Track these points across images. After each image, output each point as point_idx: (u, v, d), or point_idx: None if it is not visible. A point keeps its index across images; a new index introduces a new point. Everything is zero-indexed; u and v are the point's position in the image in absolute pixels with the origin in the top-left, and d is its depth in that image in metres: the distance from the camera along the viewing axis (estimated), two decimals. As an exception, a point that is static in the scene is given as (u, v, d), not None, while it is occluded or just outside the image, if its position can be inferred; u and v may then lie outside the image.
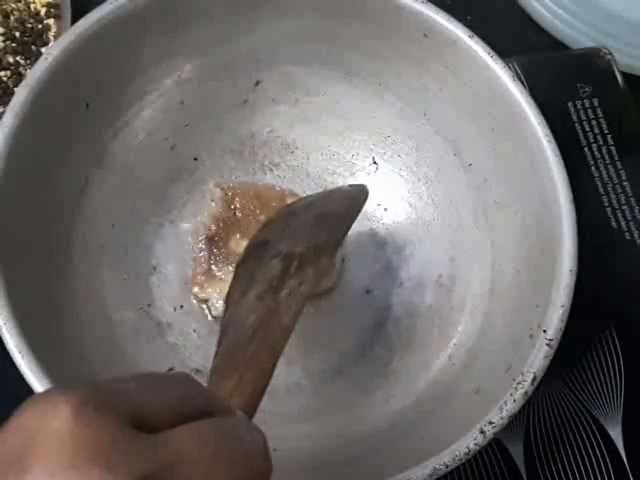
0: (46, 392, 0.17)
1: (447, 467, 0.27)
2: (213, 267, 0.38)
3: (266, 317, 0.26)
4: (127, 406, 0.17)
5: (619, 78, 0.46)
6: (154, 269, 0.38)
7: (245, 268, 0.30)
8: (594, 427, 0.37)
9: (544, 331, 0.30)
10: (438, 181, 0.40)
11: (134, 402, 0.17)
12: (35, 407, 0.17)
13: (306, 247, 0.29)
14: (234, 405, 0.21)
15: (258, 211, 0.39)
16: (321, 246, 0.29)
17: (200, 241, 0.38)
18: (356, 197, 0.34)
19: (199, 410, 0.19)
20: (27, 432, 0.16)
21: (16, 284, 0.29)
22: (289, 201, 0.39)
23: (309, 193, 0.41)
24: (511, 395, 0.29)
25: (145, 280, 0.37)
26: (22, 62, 0.43)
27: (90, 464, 0.15)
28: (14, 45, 0.43)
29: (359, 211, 0.33)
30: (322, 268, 0.28)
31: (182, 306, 0.37)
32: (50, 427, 0.16)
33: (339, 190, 0.37)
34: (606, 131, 0.44)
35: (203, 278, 0.37)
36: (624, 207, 0.43)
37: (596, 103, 0.45)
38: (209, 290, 0.37)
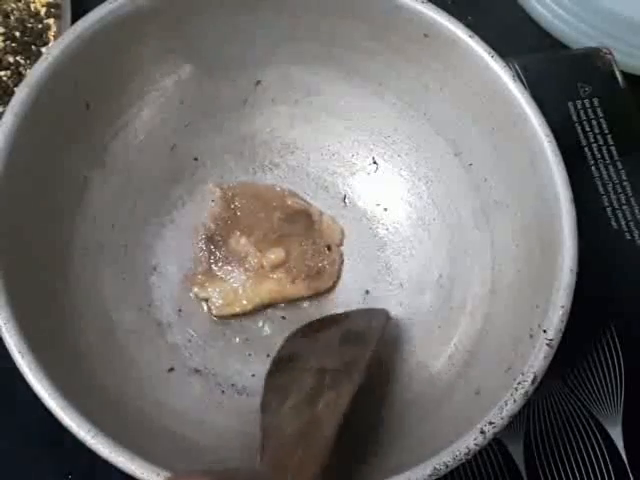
0: None
1: (447, 467, 0.27)
2: (213, 266, 0.38)
3: (307, 427, 0.27)
4: None
5: (619, 78, 0.46)
6: (154, 269, 0.38)
7: (276, 380, 0.32)
8: (594, 427, 0.37)
9: (544, 331, 0.30)
10: (438, 181, 0.40)
11: None
12: None
13: (336, 363, 0.31)
14: None
15: (258, 210, 0.39)
16: (350, 363, 0.31)
17: (200, 240, 0.38)
18: (377, 315, 0.36)
19: None
20: None
21: (16, 284, 0.29)
22: (289, 202, 0.39)
23: (309, 193, 0.41)
24: (511, 395, 0.29)
25: (145, 280, 0.37)
26: (22, 62, 0.43)
27: None
28: (14, 45, 0.43)
29: (383, 328, 0.34)
30: (356, 383, 0.30)
31: (182, 306, 0.37)
32: None
33: (359, 310, 0.38)
34: (606, 131, 0.44)
35: (203, 278, 0.37)
36: (624, 207, 0.43)
37: (596, 103, 0.45)
38: (209, 289, 0.37)
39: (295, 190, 0.41)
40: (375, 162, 0.41)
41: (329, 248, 0.39)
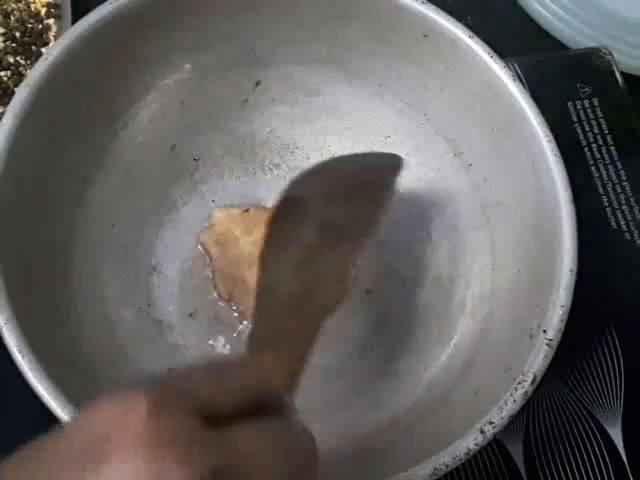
0: (119, 393, 0.18)
1: (447, 467, 0.27)
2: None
3: (305, 290, 0.26)
4: (195, 401, 0.18)
5: (619, 78, 0.46)
6: (154, 269, 0.38)
7: (278, 227, 0.28)
8: (594, 427, 0.37)
9: (544, 331, 0.30)
10: (438, 181, 0.40)
11: (201, 396, 0.19)
12: (111, 405, 0.18)
13: (342, 217, 0.28)
14: (275, 381, 0.22)
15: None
16: (357, 221, 0.28)
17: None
18: (389, 163, 0.33)
19: (257, 396, 0.20)
20: (104, 427, 0.17)
21: (16, 284, 0.29)
22: None
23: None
24: (511, 395, 0.29)
25: (145, 280, 0.37)
26: (22, 62, 0.43)
27: (165, 456, 0.17)
28: (14, 45, 0.43)
29: (395, 182, 0.31)
30: (361, 246, 0.27)
31: (182, 306, 0.37)
32: (127, 424, 0.17)
33: (369, 154, 0.35)
34: (606, 131, 0.44)
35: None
36: (624, 207, 0.43)
37: (596, 103, 0.45)
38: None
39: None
40: (375, 162, 0.41)
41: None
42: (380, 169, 0.33)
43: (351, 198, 0.30)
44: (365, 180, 0.32)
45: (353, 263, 0.27)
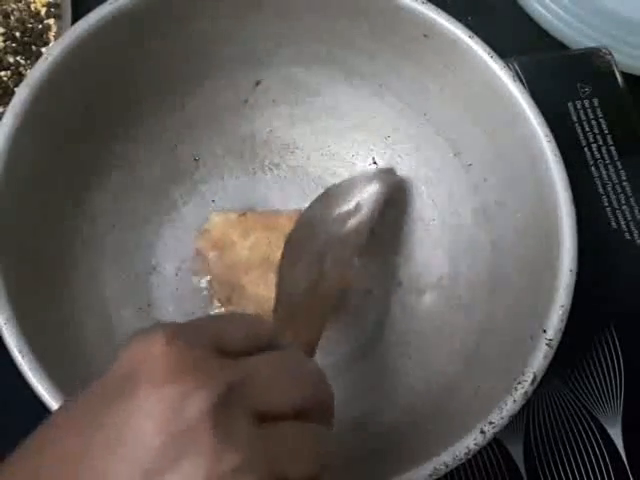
0: (141, 333, 0.20)
1: (447, 467, 0.27)
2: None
3: (315, 282, 0.32)
4: (210, 336, 0.21)
5: (619, 78, 0.46)
6: (154, 269, 0.38)
7: (295, 244, 0.35)
8: (594, 427, 0.37)
9: (544, 331, 0.30)
10: (438, 181, 0.40)
11: (215, 333, 0.21)
12: (138, 341, 0.20)
13: (341, 229, 0.36)
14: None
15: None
16: (354, 231, 0.36)
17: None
18: (382, 180, 0.39)
19: (267, 343, 0.22)
20: (134, 360, 0.20)
21: (16, 284, 0.29)
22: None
23: (308, 193, 0.41)
24: (511, 395, 0.29)
25: (145, 280, 0.37)
26: (22, 62, 0.43)
27: (185, 377, 0.19)
28: (14, 45, 0.43)
29: (386, 192, 0.38)
30: (358, 246, 0.36)
31: (182, 306, 0.37)
32: (150, 354, 0.19)
33: (364, 177, 0.40)
34: (606, 131, 0.44)
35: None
36: (624, 207, 0.43)
37: (596, 103, 0.45)
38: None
39: (294, 190, 0.41)
40: (375, 162, 0.41)
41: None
42: (372, 188, 0.39)
43: (345, 215, 0.37)
44: (357, 200, 0.38)
45: (350, 263, 0.36)
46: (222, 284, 0.37)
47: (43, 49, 0.43)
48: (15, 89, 0.41)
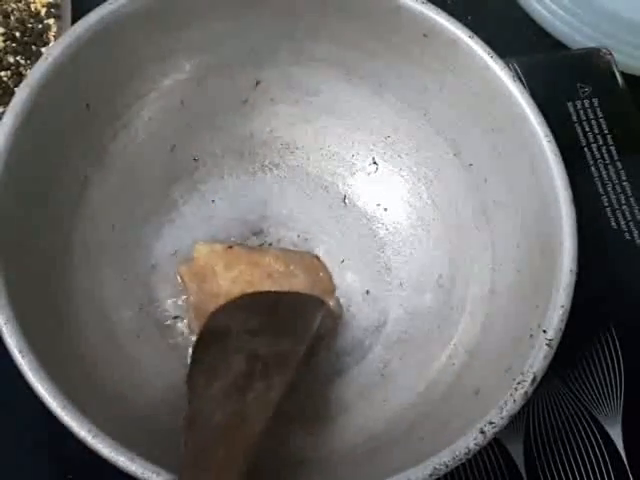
0: None
1: (447, 467, 0.27)
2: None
3: (234, 419, 0.26)
4: None
5: (619, 78, 0.46)
6: (154, 269, 0.38)
7: (206, 354, 0.29)
8: (594, 427, 0.37)
9: (544, 331, 0.30)
10: (438, 181, 0.40)
11: None
12: None
13: (270, 350, 0.29)
14: None
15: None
16: (283, 356, 0.29)
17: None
18: (311, 304, 0.35)
19: None
20: None
21: (16, 284, 0.29)
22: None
23: (308, 193, 0.41)
24: (511, 395, 0.29)
25: (145, 280, 0.37)
26: (22, 62, 0.43)
27: None
28: (14, 45, 0.43)
29: (318, 322, 0.33)
30: (289, 379, 0.28)
31: (182, 306, 0.37)
32: None
33: (293, 294, 0.36)
34: (606, 131, 0.44)
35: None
36: (624, 207, 0.43)
37: (596, 103, 0.45)
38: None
39: (294, 190, 0.41)
40: (375, 162, 0.41)
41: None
42: (301, 307, 0.34)
43: (272, 333, 0.31)
44: (286, 317, 0.33)
45: (277, 395, 0.28)
46: (199, 315, 0.36)
47: (43, 49, 0.43)
48: (15, 89, 0.41)
